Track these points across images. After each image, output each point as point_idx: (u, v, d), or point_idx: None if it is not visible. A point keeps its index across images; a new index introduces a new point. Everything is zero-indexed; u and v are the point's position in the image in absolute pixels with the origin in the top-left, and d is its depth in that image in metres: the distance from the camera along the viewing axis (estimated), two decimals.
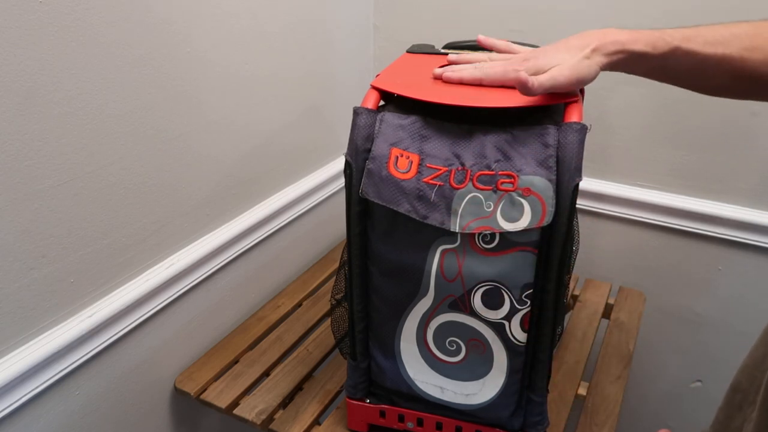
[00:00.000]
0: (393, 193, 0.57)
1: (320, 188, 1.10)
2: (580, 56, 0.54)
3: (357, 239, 0.63)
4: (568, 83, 0.54)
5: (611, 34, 0.55)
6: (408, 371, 0.68)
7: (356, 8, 1.10)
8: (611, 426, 0.77)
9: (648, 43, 0.54)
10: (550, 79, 0.54)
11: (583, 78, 0.55)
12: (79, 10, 0.60)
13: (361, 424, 0.75)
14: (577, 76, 0.54)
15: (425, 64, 0.68)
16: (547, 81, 0.54)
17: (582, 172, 0.55)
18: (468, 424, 0.69)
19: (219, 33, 0.79)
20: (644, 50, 0.54)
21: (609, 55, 0.54)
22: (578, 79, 0.54)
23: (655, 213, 1.04)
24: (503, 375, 0.64)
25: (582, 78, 0.55)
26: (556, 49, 0.56)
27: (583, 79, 0.55)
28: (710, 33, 0.54)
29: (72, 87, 0.61)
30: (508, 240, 0.57)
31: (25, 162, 0.59)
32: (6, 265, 0.60)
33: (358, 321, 0.68)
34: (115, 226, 0.71)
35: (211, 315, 0.91)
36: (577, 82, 0.55)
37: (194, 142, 0.79)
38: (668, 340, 1.15)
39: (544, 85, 0.54)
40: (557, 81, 0.54)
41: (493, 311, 0.60)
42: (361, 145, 0.59)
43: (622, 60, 0.55)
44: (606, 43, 0.54)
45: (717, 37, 0.53)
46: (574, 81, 0.54)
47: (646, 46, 0.54)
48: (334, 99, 1.10)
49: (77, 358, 0.69)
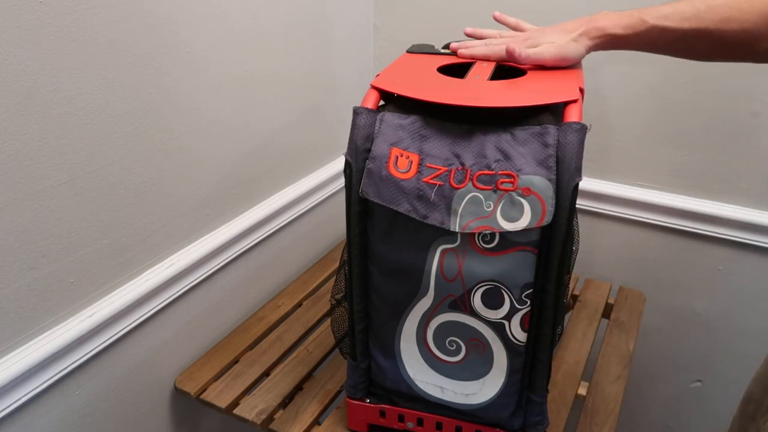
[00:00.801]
0: (393, 193, 0.57)
1: (320, 188, 1.10)
2: (568, 38, 0.63)
3: (357, 239, 0.63)
4: (553, 59, 0.63)
5: (597, 20, 0.63)
6: (408, 371, 0.68)
7: (356, 8, 1.10)
8: (611, 426, 0.77)
9: (627, 26, 0.61)
10: (537, 54, 0.63)
11: (568, 57, 0.63)
12: (79, 10, 0.60)
13: (361, 424, 0.75)
14: (562, 55, 0.63)
15: (425, 64, 0.68)
16: (534, 54, 0.63)
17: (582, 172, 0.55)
18: (468, 423, 0.69)
19: (219, 33, 0.79)
20: (623, 33, 0.62)
21: (593, 39, 0.63)
22: (563, 57, 0.63)
23: (655, 213, 1.04)
24: (503, 375, 0.64)
25: (566, 57, 0.63)
26: (553, 30, 0.65)
27: (567, 57, 0.64)
28: (688, 8, 0.59)
29: (72, 87, 0.61)
30: (508, 240, 0.57)
31: (25, 162, 0.59)
32: (6, 265, 0.60)
33: (358, 321, 0.68)
34: (115, 226, 0.71)
35: (211, 315, 0.91)
36: (562, 59, 0.64)
37: (194, 142, 0.79)
38: (668, 340, 1.15)
39: (531, 58, 0.63)
40: (543, 56, 0.63)
41: (493, 311, 0.60)
42: (361, 144, 0.59)
43: (605, 42, 0.63)
44: (591, 29, 0.63)
45: (693, 12, 0.58)
46: (559, 58, 0.63)
47: (625, 29, 0.61)
48: (334, 99, 1.10)
49: (77, 358, 0.69)
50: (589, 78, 0.99)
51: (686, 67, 0.93)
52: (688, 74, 0.93)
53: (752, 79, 0.90)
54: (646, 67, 0.96)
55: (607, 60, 0.98)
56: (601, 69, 0.99)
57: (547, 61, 0.64)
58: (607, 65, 0.98)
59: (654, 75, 0.96)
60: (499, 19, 0.76)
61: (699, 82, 0.93)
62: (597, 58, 0.98)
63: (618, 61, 0.97)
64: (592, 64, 0.99)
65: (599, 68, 0.99)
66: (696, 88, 0.94)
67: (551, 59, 0.63)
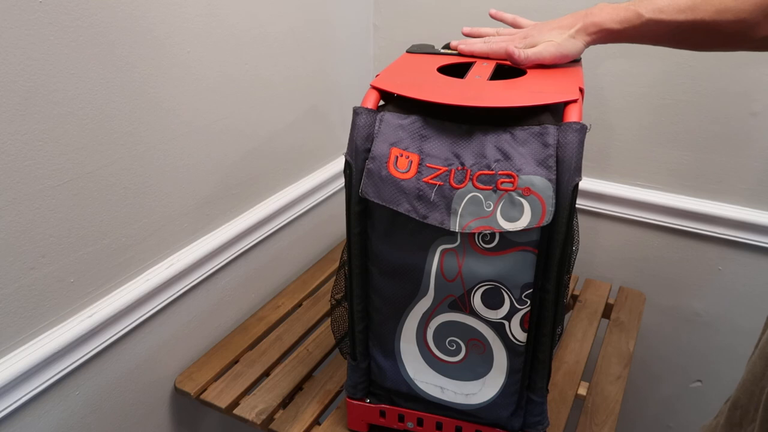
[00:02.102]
0: (393, 193, 0.57)
1: (320, 188, 1.10)
2: (566, 35, 0.64)
3: (357, 239, 0.63)
4: (552, 58, 0.64)
5: (593, 15, 0.63)
6: (408, 371, 0.68)
7: (356, 8, 1.10)
8: (611, 426, 0.77)
9: (624, 20, 0.62)
10: (536, 54, 0.64)
11: (567, 54, 0.64)
12: (79, 10, 0.60)
13: (361, 424, 0.75)
14: (561, 53, 0.64)
15: (425, 64, 0.67)
16: (534, 55, 0.64)
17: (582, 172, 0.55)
18: (468, 423, 0.69)
19: (219, 34, 0.79)
20: (620, 27, 0.62)
21: (590, 35, 0.64)
22: (562, 54, 0.64)
23: (655, 213, 1.04)
24: (503, 375, 0.64)
25: (566, 54, 0.64)
26: (550, 27, 0.66)
27: (567, 54, 0.64)
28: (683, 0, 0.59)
29: (72, 87, 0.61)
30: (508, 240, 0.57)
31: (25, 162, 0.59)
32: (6, 265, 0.60)
33: (358, 321, 0.68)
34: (115, 226, 0.71)
35: (211, 315, 0.91)
36: (561, 57, 0.64)
37: (194, 142, 0.79)
38: (668, 340, 1.15)
39: (530, 59, 0.64)
40: (542, 56, 0.64)
41: (493, 311, 0.60)
42: (361, 144, 0.59)
43: (602, 37, 0.64)
44: (588, 25, 0.63)
45: (689, 3, 0.59)
46: (558, 56, 0.64)
47: (621, 23, 0.62)
48: (334, 99, 1.10)
49: (77, 358, 0.69)
50: (589, 78, 0.99)
51: (686, 68, 0.93)
52: (687, 74, 0.93)
53: (751, 79, 0.90)
54: (646, 67, 0.96)
55: (607, 60, 0.98)
56: (601, 69, 0.99)
57: (546, 60, 0.64)
58: (608, 65, 0.98)
59: (654, 75, 0.96)
60: (496, 16, 0.76)
61: (698, 83, 0.93)
62: (597, 57, 0.98)
63: (618, 61, 0.97)
64: (592, 64, 0.99)
65: (599, 68, 0.99)
66: (695, 89, 0.94)
67: (550, 58, 0.64)
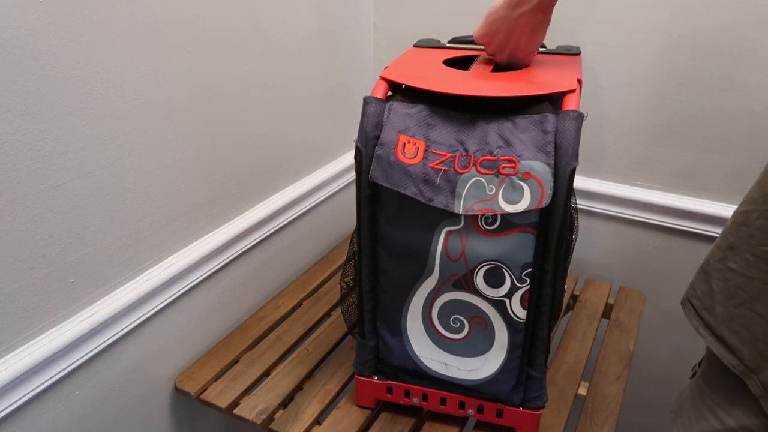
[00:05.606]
0: (400, 178, 0.60)
1: (320, 189, 1.10)
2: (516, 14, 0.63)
3: (366, 222, 0.66)
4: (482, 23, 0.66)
5: None
6: (414, 348, 0.71)
7: (356, 8, 1.10)
8: (611, 426, 0.77)
9: None
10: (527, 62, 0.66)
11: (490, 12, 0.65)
12: (79, 10, 0.60)
13: (369, 399, 0.78)
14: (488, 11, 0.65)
15: (431, 57, 0.71)
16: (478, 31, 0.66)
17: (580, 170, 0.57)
18: (470, 398, 0.72)
19: (219, 34, 0.79)
20: None
21: None
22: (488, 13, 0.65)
23: (655, 213, 1.04)
24: (504, 351, 0.67)
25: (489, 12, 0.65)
26: None
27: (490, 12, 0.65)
28: None
29: (72, 87, 0.62)
30: (509, 221, 0.60)
31: (25, 162, 0.59)
32: (6, 265, 0.60)
33: (366, 301, 0.71)
34: (115, 226, 0.71)
35: (211, 315, 0.91)
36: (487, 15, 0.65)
37: (194, 142, 0.79)
38: (668, 340, 1.15)
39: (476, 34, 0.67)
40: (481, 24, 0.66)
41: (495, 289, 0.63)
42: (371, 132, 0.62)
43: None
44: None
45: None
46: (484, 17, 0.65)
47: None
48: (334, 99, 1.10)
49: (77, 358, 0.69)
50: (588, 78, 0.99)
51: (686, 68, 0.93)
52: (687, 74, 0.93)
53: (751, 79, 0.90)
54: (646, 66, 0.96)
55: (607, 60, 0.98)
56: (600, 69, 0.99)
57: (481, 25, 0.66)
58: (608, 65, 0.98)
59: (654, 75, 0.96)
60: None
61: (698, 82, 0.93)
62: (597, 57, 0.98)
63: (618, 60, 0.97)
64: (593, 64, 0.99)
65: (599, 68, 0.99)
66: (695, 88, 0.94)
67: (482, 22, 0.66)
